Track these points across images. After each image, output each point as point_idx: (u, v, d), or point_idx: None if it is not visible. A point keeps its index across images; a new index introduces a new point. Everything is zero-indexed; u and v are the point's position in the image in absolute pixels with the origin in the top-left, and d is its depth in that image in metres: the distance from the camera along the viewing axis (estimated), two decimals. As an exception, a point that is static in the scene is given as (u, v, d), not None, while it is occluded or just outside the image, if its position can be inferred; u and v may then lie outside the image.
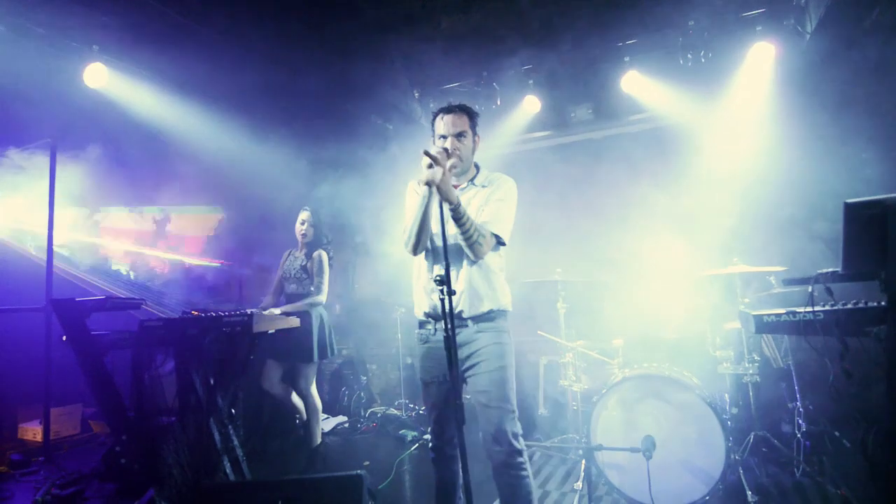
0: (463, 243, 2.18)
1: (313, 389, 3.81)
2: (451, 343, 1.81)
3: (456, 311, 2.21)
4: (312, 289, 3.78)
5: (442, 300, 1.83)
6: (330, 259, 3.90)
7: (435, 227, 2.22)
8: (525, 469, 2.19)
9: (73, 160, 4.50)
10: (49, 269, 4.38)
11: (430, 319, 2.34)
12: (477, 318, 2.25)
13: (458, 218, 2.12)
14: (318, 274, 3.79)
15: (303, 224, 3.88)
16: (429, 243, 2.32)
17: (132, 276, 5.19)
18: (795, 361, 3.62)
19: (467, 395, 2.22)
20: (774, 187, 4.17)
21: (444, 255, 1.90)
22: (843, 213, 1.55)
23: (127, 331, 3.24)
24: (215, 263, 5.73)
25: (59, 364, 4.30)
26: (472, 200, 2.31)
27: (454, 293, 1.88)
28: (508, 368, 2.23)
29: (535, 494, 2.23)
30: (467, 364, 2.25)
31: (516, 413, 2.22)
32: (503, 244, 2.30)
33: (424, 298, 2.34)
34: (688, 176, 4.56)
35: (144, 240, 5.49)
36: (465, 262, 2.26)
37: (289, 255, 4.00)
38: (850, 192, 1.60)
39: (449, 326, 1.81)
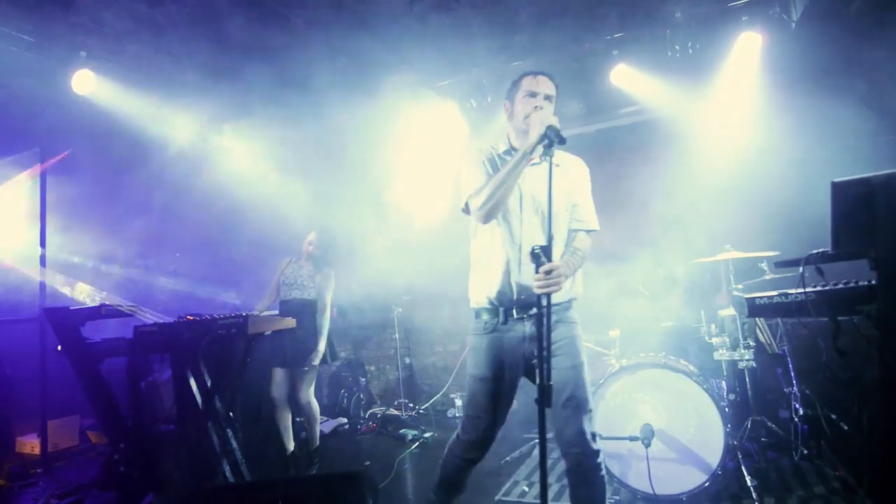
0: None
1: (312, 392, 3.85)
2: (542, 323, 1.72)
3: (531, 296, 1.96)
4: (319, 304, 3.91)
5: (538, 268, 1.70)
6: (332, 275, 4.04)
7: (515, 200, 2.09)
8: (601, 469, 2.07)
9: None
10: (42, 279, 4.36)
11: (497, 305, 2.11)
12: (557, 306, 2.06)
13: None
14: (326, 290, 3.94)
15: (310, 245, 3.97)
16: (505, 217, 2.13)
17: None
18: (791, 347, 3.65)
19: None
20: (764, 174, 4.20)
21: (549, 223, 1.76)
22: (831, 193, 1.56)
23: (122, 338, 3.23)
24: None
25: (55, 375, 4.28)
26: (557, 178, 2.08)
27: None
28: (585, 365, 2.09)
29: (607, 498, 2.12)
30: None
31: (594, 412, 2.10)
32: (595, 231, 2.27)
33: (496, 279, 2.11)
34: (679, 166, 4.58)
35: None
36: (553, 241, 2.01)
37: (290, 262, 4.03)
38: (838, 176, 1.61)
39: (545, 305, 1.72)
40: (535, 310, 1.97)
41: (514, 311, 2.10)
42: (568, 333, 2.10)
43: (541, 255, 1.73)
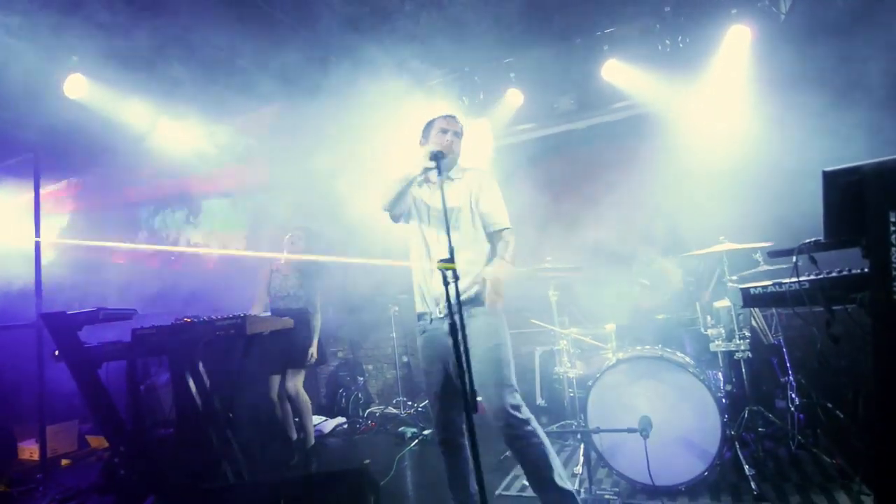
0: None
1: (301, 384, 3.98)
2: (456, 330, 1.82)
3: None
4: (310, 308, 4.02)
5: (445, 280, 1.84)
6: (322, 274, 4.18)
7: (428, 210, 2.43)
8: (535, 436, 2.23)
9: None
10: (38, 285, 4.33)
11: (427, 308, 2.42)
12: (469, 303, 2.30)
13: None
14: (315, 295, 4.06)
15: (293, 244, 4.06)
16: (418, 223, 2.49)
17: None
18: (786, 337, 3.68)
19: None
20: (756, 166, 4.23)
21: (448, 240, 1.93)
22: (822, 182, 1.57)
23: (119, 341, 3.22)
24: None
25: (53, 381, 4.26)
26: (459, 192, 2.49)
27: (458, 278, 1.88)
28: (502, 346, 2.30)
29: (554, 458, 2.26)
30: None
31: (514, 386, 2.28)
32: (509, 229, 2.47)
33: (421, 287, 2.44)
34: (671, 159, 4.61)
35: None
36: (458, 245, 2.29)
37: (273, 271, 4.08)
38: (828, 166, 1.62)
39: (455, 312, 1.83)
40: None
41: (438, 311, 2.38)
42: (480, 322, 2.31)
43: (444, 268, 1.85)
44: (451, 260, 1.85)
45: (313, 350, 3.95)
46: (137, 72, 4.02)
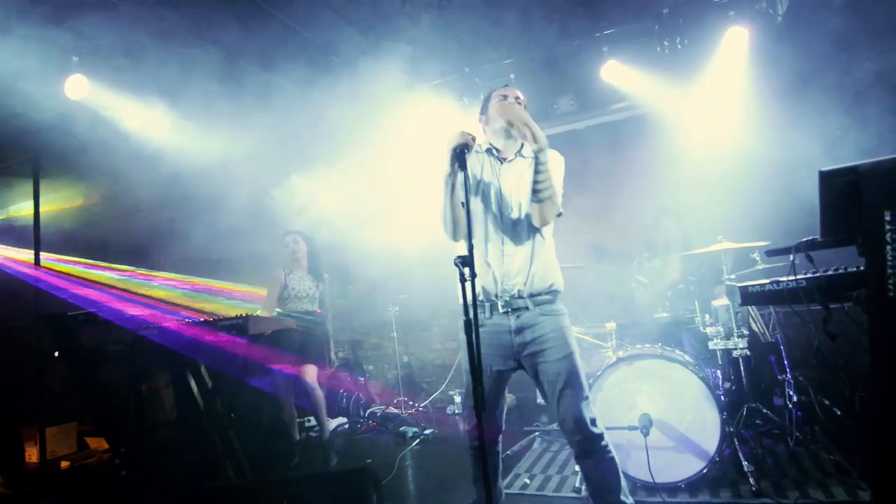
0: (537, 199, 2.09)
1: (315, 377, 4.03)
2: (471, 328, 1.74)
3: (514, 290, 2.14)
4: (323, 311, 4.16)
5: (469, 281, 1.73)
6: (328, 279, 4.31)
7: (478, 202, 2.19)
8: (608, 451, 2.13)
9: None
10: (37, 283, 4.33)
11: (482, 301, 2.19)
12: (537, 299, 2.15)
13: (541, 164, 2.04)
14: (327, 296, 4.22)
15: (296, 243, 4.15)
16: (482, 202, 2.22)
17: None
18: (783, 336, 3.71)
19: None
20: (755, 166, 4.26)
21: (468, 235, 1.82)
22: (819, 181, 1.60)
23: (121, 341, 3.23)
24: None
25: (52, 383, 4.26)
26: (523, 172, 2.23)
27: (476, 275, 1.80)
28: (576, 353, 2.14)
29: (622, 476, 2.16)
30: (531, 350, 2.14)
31: (589, 398, 2.15)
32: (560, 214, 2.22)
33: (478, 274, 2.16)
34: (671, 160, 4.64)
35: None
36: (523, 235, 2.18)
37: (287, 273, 4.15)
38: (824, 166, 1.65)
39: (473, 313, 1.76)
40: (523, 304, 2.13)
41: (500, 306, 2.17)
42: (554, 325, 2.14)
43: (465, 263, 1.76)
44: (471, 257, 1.76)
45: (332, 356, 4.15)
46: (139, 72, 4.03)
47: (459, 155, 1.99)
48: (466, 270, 1.74)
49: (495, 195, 2.22)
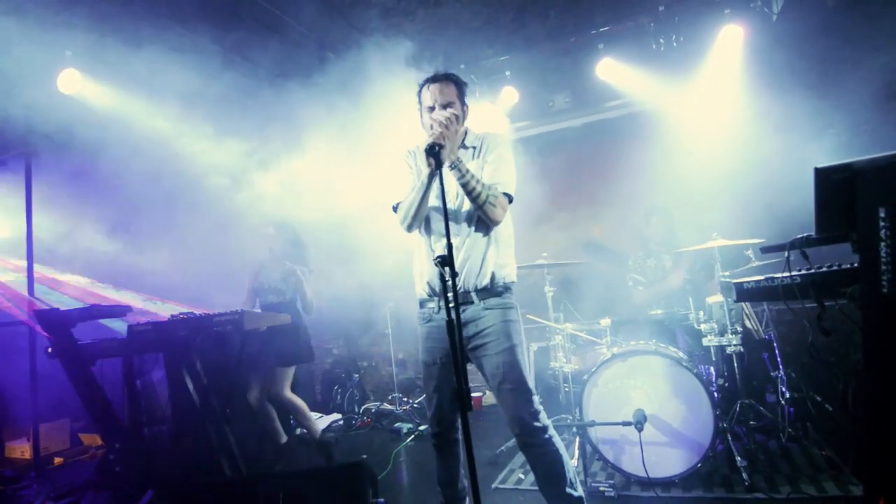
0: (475, 206, 2.10)
1: (288, 388, 3.75)
2: (454, 326, 1.71)
3: (458, 285, 2.11)
4: (299, 306, 3.78)
5: (443, 277, 1.72)
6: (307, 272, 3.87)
7: (434, 200, 2.15)
8: (551, 444, 2.11)
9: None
10: (30, 282, 4.30)
11: (432, 297, 2.21)
12: (482, 293, 2.15)
13: (462, 176, 2.04)
14: (304, 288, 3.75)
15: (269, 233, 3.83)
16: (428, 216, 2.23)
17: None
18: (777, 332, 3.74)
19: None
20: (749, 163, 4.29)
21: (447, 233, 1.79)
22: (814, 179, 1.61)
23: (115, 338, 3.21)
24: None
25: (45, 379, 4.23)
26: (468, 164, 2.18)
27: (458, 274, 1.81)
28: (518, 347, 2.14)
29: (569, 466, 2.15)
30: (474, 343, 2.15)
31: (533, 391, 2.13)
32: (511, 200, 2.19)
33: (426, 275, 2.22)
34: (666, 157, 4.66)
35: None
36: (469, 230, 2.18)
37: (262, 267, 3.88)
38: (819, 163, 1.66)
39: (451, 307, 1.71)
40: (469, 299, 2.14)
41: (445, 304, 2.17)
42: (495, 319, 2.14)
43: (444, 263, 1.75)
44: (450, 256, 1.76)
45: (300, 349, 3.72)
46: (133, 67, 3.99)
47: (434, 152, 1.98)
48: (447, 270, 1.73)
49: (436, 190, 2.12)
